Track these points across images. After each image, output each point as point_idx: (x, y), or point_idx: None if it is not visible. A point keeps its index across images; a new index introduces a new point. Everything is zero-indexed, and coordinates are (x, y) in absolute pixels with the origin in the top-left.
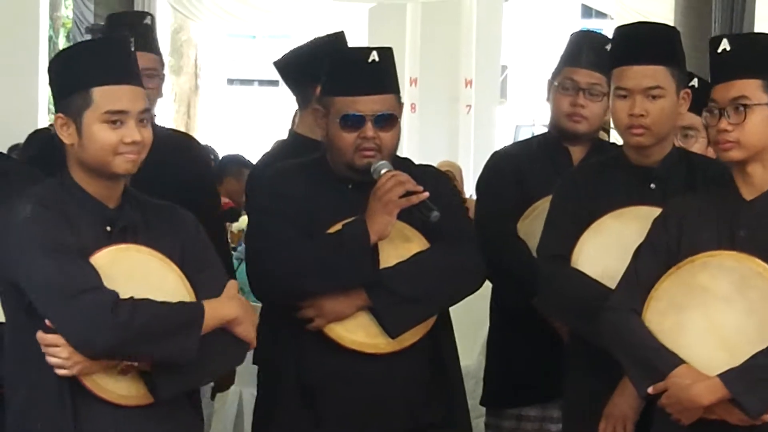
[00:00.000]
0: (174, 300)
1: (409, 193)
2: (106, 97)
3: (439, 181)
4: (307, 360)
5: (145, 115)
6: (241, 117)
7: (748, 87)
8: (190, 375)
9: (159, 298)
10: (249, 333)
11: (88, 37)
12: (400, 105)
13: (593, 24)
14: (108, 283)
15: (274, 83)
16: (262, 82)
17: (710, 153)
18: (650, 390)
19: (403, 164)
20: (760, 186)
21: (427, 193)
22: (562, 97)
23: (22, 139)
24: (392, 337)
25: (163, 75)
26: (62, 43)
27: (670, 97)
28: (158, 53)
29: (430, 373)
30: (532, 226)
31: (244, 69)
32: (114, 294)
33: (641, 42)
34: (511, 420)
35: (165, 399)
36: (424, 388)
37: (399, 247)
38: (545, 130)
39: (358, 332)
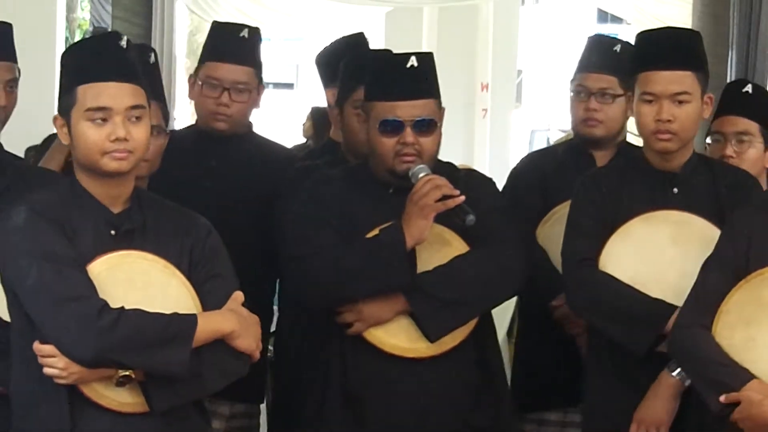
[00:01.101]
0: (176, 308)
1: (445, 197)
2: (87, 94)
3: (483, 184)
4: (348, 364)
5: (137, 113)
6: (256, 119)
7: None
8: (187, 387)
9: (160, 306)
10: (249, 346)
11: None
12: (441, 110)
13: (609, 29)
14: (106, 291)
15: (289, 86)
16: (277, 85)
17: None
18: (722, 399)
19: (447, 168)
20: None
21: (462, 197)
22: (576, 104)
23: (37, 141)
24: (431, 341)
25: (259, 88)
26: None
27: (696, 102)
28: (251, 65)
29: (475, 377)
30: (552, 230)
31: None
32: (101, 302)
33: (668, 47)
34: (531, 424)
35: (161, 410)
36: (469, 391)
37: (438, 250)
38: (561, 134)
39: (399, 336)
